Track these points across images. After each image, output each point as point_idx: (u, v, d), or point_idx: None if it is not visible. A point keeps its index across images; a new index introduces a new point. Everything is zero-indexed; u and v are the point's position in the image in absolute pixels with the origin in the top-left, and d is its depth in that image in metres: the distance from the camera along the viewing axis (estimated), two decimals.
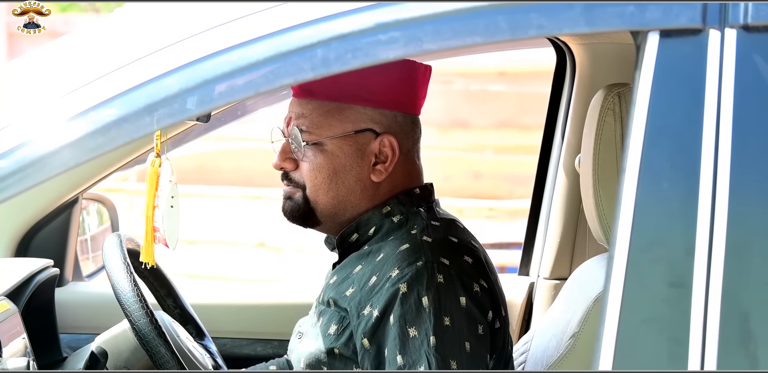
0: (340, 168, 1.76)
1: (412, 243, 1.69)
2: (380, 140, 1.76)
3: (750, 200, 1.26)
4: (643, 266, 1.26)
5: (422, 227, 1.73)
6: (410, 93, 1.80)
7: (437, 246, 1.69)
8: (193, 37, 1.32)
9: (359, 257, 1.75)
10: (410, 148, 1.81)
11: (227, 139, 8.29)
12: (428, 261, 1.65)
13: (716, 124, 1.26)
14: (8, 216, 2.58)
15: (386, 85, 1.76)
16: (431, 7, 1.28)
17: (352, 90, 1.74)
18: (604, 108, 1.74)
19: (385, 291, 1.64)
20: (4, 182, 1.28)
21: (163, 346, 1.88)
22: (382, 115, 1.77)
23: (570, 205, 2.63)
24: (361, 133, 1.76)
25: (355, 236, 1.79)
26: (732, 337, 1.24)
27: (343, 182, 1.77)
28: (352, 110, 1.76)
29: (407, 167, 1.81)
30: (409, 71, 1.79)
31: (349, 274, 1.73)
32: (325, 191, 1.77)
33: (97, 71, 1.33)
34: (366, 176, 1.77)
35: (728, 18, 1.27)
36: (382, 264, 1.69)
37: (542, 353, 1.90)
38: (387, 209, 1.78)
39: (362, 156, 1.76)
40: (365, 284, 1.69)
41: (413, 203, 1.79)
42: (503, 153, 9.11)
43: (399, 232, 1.74)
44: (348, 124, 1.76)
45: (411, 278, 1.63)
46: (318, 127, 1.76)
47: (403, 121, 1.79)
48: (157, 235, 1.77)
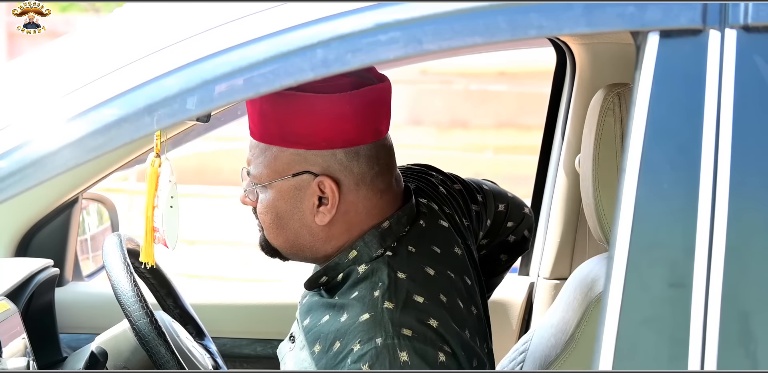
0: (282, 212, 1.70)
1: (372, 313, 1.60)
2: (317, 182, 1.67)
3: (750, 200, 1.26)
4: (643, 266, 1.26)
5: (385, 286, 1.64)
6: (344, 128, 1.67)
7: (399, 313, 1.60)
8: (193, 37, 1.32)
9: (328, 307, 1.69)
10: (359, 183, 1.68)
11: (227, 139, 8.28)
12: (388, 337, 1.57)
13: (716, 125, 1.26)
14: (8, 216, 2.58)
15: (309, 126, 1.66)
16: (431, 7, 1.28)
17: (278, 133, 1.67)
18: (604, 108, 1.74)
19: (351, 368, 1.57)
20: (4, 182, 1.28)
21: (163, 346, 1.88)
22: (317, 156, 1.66)
23: (570, 205, 2.64)
24: (298, 176, 1.67)
25: (324, 279, 1.73)
26: (732, 337, 1.24)
27: (288, 226, 1.71)
28: (286, 153, 1.67)
29: (364, 204, 1.70)
30: (337, 106, 1.66)
31: (317, 323, 1.68)
32: (276, 233, 1.73)
33: (97, 71, 1.33)
34: (310, 220, 1.69)
35: (728, 18, 1.27)
36: (345, 331, 1.62)
37: (542, 352, 1.90)
38: (354, 253, 1.69)
39: (302, 199, 1.68)
40: (330, 346, 1.63)
41: (381, 243, 1.69)
42: (503, 153, 9.11)
43: (363, 288, 1.66)
44: (284, 167, 1.68)
45: (372, 358, 1.56)
46: (258, 170, 1.70)
47: (345, 158, 1.66)
48: (157, 235, 1.77)
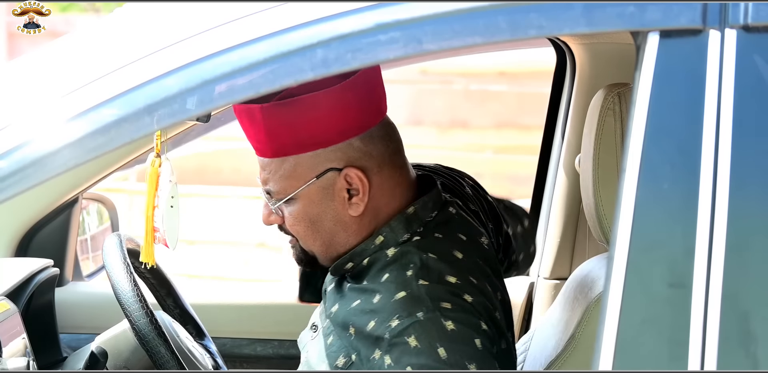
0: (314, 216, 1.71)
1: (409, 291, 1.61)
2: (344, 175, 1.69)
3: (750, 200, 1.26)
4: (643, 266, 1.26)
5: (417, 267, 1.65)
6: (353, 116, 1.69)
7: (436, 291, 1.61)
8: (193, 37, 1.32)
9: (358, 292, 1.68)
10: (381, 165, 1.71)
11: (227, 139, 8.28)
12: (428, 311, 1.58)
13: (716, 125, 1.26)
14: (8, 216, 2.58)
15: (321, 124, 1.68)
16: (431, 7, 1.28)
17: (292, 142, 1.68)
18: (605, 108, 1.74)
19: (391, 344, 1.58)
20: (4, 182, 1.28)
21: (163, 346, 1.88)
22: (336, 150, 1.68)
23: (570, 205, 2.63)
24: (322, 176, 1.69)
25: (350, 265, 1.73)
26: (732, 337, 1.24)
27: (323, 227, 1.72)
28: (304, 158, 1.69)
29: (388, 184, 1.72)
30: (341, 96, 1.68)
31: (347, 307, 1.68)
32: (312, 239, 1.73)
33: (97, 71, 1.33)
34: (344, 214, 1.71)
35: (728, 18, 1.27)
36: (380, 309, 1.62)
37: (542, 352, 1.90)
38: (380, 238, 1.71)
39: (332, 197, 1.70)
40: (364, 327, 1.62)
41: (407, 228, 1.71)
42: (503, 153, 9.11)
43: (394, 270, 1.66)
44: (307, 172, 1.69)
45: (418, 330, 1.57)
46: (280, 185, 1.70)
47: (361, 144, 1.69)
48: (157, 235, 1.77)
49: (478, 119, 9.56)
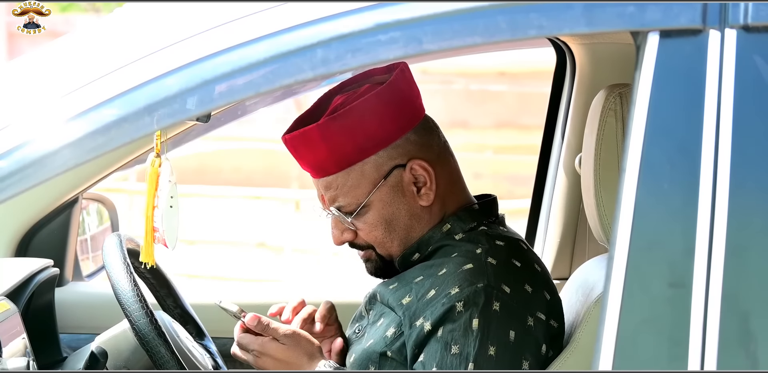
0: (390, 216, 1.76)
1: (476, 264, 1.68)
2: (409, 169, 1.75)
3: (750, 200, 1.26)
4: (643, 266, 1.26)
5: (487, 247, 1.72)
6: (402, 112, 1.75)
7: (501, 270, 1.68)
8: (193, 37, 1.32)
9: (422, 268, 1.74)
10: (439, 153, 1.78)
11: (227, 139, 8.29)
12: (489, 285, 1.65)
13: (716, 125, 1.26)
14: (8, 216, 2.58)
15: (381, 122, 1.73)
16: (431, 7, 1.28)
17: (354, 150, 1.73)
18: (606, 108, 1.74)
19: (441, 306, 1.64)
20: (4, 182, 1.28)
21: (163, 346, 1.88)
22: (396, 147, 1.75)
23: (570, 205, 2.63)
24: (389, 175, 1.75)
25: (417, 256, 1.78)
26: (732, 337, 1.24)
27: (399, 225, 1.77)
28: (368, 162, 1.74)
29: (448, 170, 1.79)
30: (397, 89, 1.75)
31: (410, 282, 1.72)
32: (390, 241, 1.78)
33: (97, 71, 1.33)
34: (416, 207, 1.76)
35: (728, 18, 1.27)
36: (443, 280, 1.68)
37: None
38: (447, 226, 1.77)
39: (403, 193, 1.76)
40: (423, 295, 1.68)
41: (474, 219, 1.78)
42: (503, 153, 9.12)
43: (462, 250, 1.72)
44: (374, 175, 1.74)
45: (468, 298, 1.63)
46: (351, 196, 1.75)
47: (416, 137, 1.76)
48: (157, 235, 1.77)
49: (478, 119, 9.57)
